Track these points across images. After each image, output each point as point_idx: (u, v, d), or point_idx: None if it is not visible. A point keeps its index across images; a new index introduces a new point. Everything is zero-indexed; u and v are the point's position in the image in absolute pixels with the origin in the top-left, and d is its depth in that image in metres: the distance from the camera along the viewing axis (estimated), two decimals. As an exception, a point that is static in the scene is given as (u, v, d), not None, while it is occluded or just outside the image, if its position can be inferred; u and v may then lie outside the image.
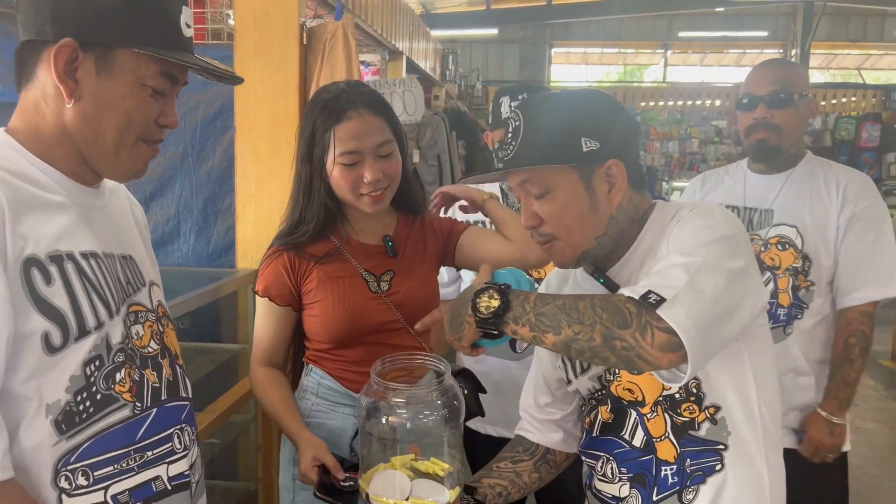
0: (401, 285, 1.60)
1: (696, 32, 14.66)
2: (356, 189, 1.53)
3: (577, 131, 1.15)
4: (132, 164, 1.06)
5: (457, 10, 13.21)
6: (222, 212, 2.69)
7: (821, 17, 12.45)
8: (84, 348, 0.98)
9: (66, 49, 0.96)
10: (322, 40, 2.51)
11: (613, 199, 1.18)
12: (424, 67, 5.74)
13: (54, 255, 0.97)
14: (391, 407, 1.22)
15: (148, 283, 1.15)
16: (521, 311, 1.08)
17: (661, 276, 1.05)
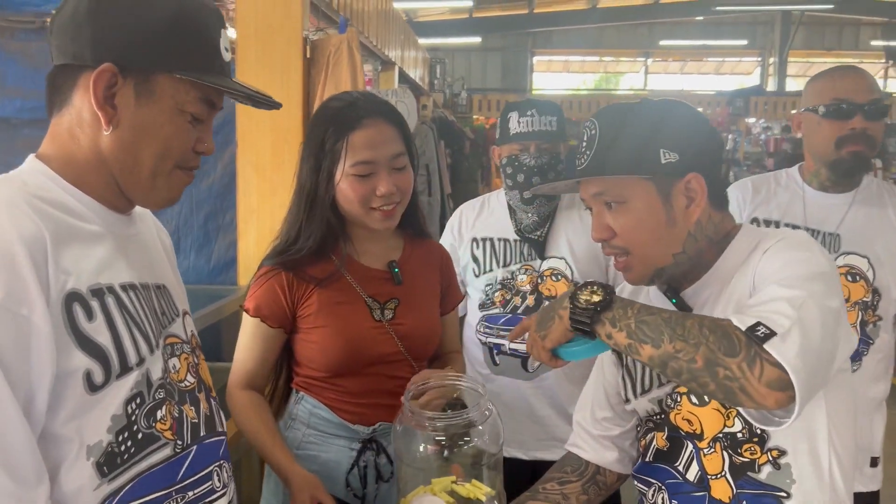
0: (406, 315, 1.51)
1: (677, 41, 14.82)
2: (367, 203, 1.42)
3: (656, 142, 1.10)
4: (168, 191, 1.02)
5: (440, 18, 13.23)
6: (223, 227, 2.64)
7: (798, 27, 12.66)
8: (126, 386, 0.94)
9: (106, 74, 0.92)
10: (326, 53, 2.47)
11: (692, 215, 1.12)
12: (414, 77, 5.72)
13: (95, 288, 0.93)
14: (428, 436, 1.18)
15: (181, 313, 1.11)
16: (621, 313, 1.03)
17: (766, 308, 0.96)
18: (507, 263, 2.10)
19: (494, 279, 2.10)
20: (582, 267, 2.07)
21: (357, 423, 1.49)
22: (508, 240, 2.11)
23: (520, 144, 2.07)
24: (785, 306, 0.95)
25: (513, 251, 2.10)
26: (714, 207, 1.14)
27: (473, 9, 12.99)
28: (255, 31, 2.45)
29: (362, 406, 1.49)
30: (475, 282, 2.14)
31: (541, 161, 2.03)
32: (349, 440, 1.50)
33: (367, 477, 1.49)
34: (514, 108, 2.12)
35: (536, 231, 2.08)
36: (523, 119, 2.07)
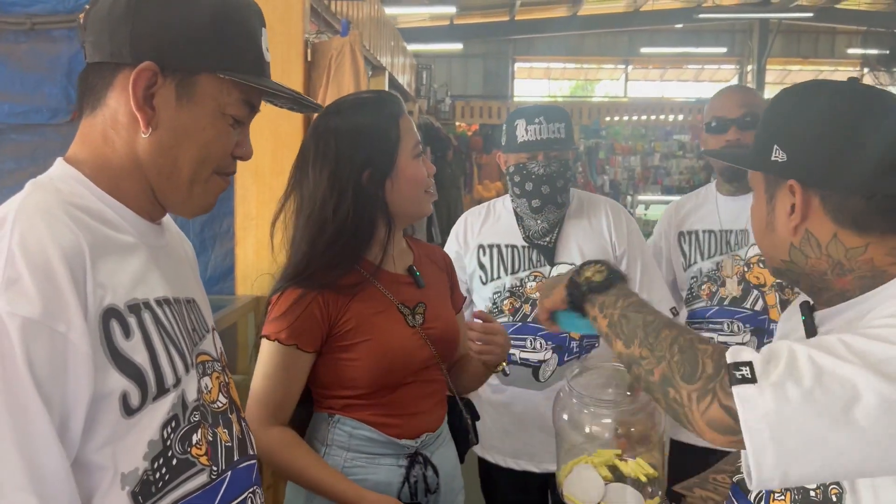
0: (435, 318, 1.48)
1: (657, 48, 14.95)
2: (425, 184, 1.43)
3: (775, 135, 0.99)
4: (204, 198, 0.97)
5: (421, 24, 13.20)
6: (220, 235, 2.56)
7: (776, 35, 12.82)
8: (163, 409, 0.87)
9: (147, 73, 0.87)
10: (327, 57, 2.42)
11: (791, 225, 0.98)
12: (402, 83, 5.68)
13: (132, 304, 0.87)
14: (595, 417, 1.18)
15: (211, 329, 1.05)
16: (612, 300, 1.01)
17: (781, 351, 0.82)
18: (515, 270, 2.06)
19: (503, 286, 2.06)
20: None
21: (403, 437, 1.43)
22: (516, 246, 2.07)
23: (528, 153, 2.02)
24: (804, 363, 0.79)
25: (521, 258, 2.06)
26: (847, 228, 0.94)
27: (455, 16, 12.99)
28: (255, 34, 2.39)
29: (405, 418, 1.43)
30: (482, 290, 2.10)
31: (549, 169, 1.99)
32: (396, 457, 1.43)
33: (418, 493, 1.44)
34: (522, 115, 2.07)
35: (545, 237, 2.05)
36: (531, 127, 2.02)
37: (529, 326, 2.02)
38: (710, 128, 2.02)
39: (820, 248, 0.97)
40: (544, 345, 2.01)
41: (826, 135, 0.95)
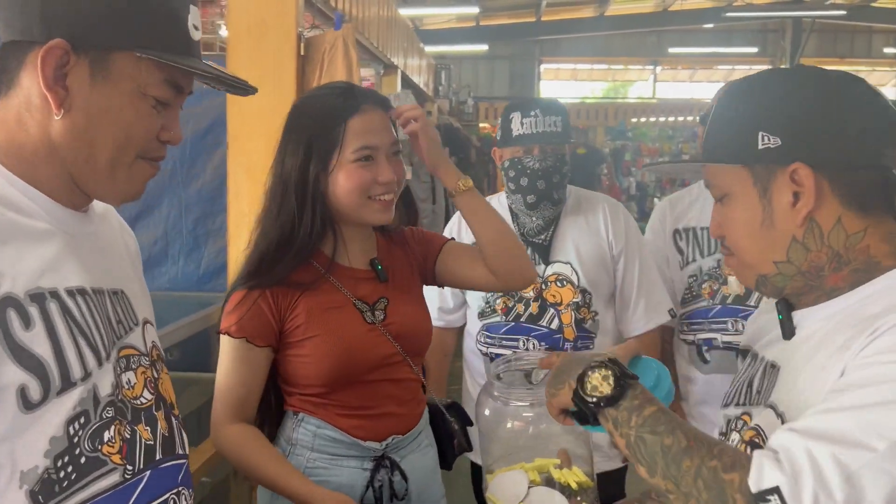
0: (397, 313, 1.43)
1: (686, 48, 14.74)
2: (366, 191, 1.35)
3: (757, 122, 0.91)
4: (129, 184, 0.92)
5: (446, 26, 13.19)
6: (213, 233, 2.54)
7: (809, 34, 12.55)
8: (67, 404, 0.83)
9: (57, 51, 0.83)
10: (321, 51, 2.38)
11: (797, 216, 0.91)
12: (418, 83, 5.65)
13: (35, 293, 0.82)
14: (516, 412, 1.15)
15: (141, 322, 1.00)
16: (626, 417, 0.90)
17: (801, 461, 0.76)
18: None
19: None
20: (588, 272, 1.97)
21: (368, 439, 1.39)
22: None
23: (523, 147, 1.97)
24: (830, 470, 0.74)
25: None
26: (851, 209, 0.90)
27: (480, 17, 12.95)
28: (248, 28, 2.36)
29: (370, 419, 1.39)
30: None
31: (545, 164, 1.93)
32: (361, 459, 1.39)
33: (382, 498, 1.39)
34: (517, 108, 2.01)
35: (540, 235, 1.99)
36: (527, 120, 1.97)
37: (522, 326, 1.98)
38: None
39: (822, 237, 0.91)
40: (537, 346, 1.97)
41: (823, 109, 0.90)
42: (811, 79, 0.93)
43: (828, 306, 0.93)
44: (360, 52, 3.93)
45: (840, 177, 0.90)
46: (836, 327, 0.89)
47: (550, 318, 2.00)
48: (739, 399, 1.04)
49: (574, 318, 1.97)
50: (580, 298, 1.96)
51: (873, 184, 0.91)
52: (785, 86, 0.93)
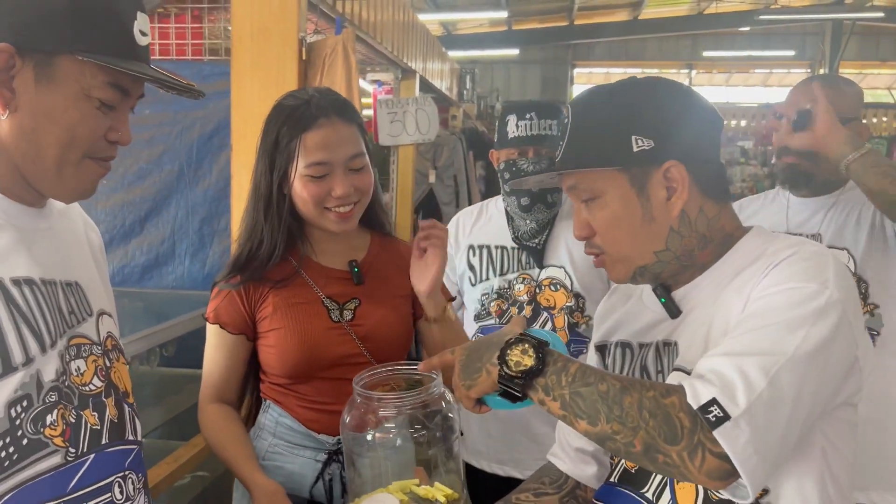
0: (367, 316, 1.46)
1: (721, 52, 14.49)
2: (321, 203, 1.39)
3: (628, 127, 0.99)
4: (77, 182, 0.96)
5: (478, 31, 13.22)
6: (218, 232, 2.61)
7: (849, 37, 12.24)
8: (8, 387, 0.87)
9: (2, 56, 0.87)
10: (322, 56, 2.43)
11: (673, 208, 1.01)
12: (440, 87, 5.67)
13: None
14: (377, 423, 1.12)
15: (96, 313, 1.05)
16: (555, 380, 0.93)
17: (729, 374, 0.86)
18: (504, 272, 2.03)
19: (491, 288, 2.03)
20: (582, 276, 1.98)
21: (322, 432, 1.44)
22: (506, 247, 2.03)
23: (518, 149, 1.98)
24: (754, 373, 0.86)
25: (510, 259, 2.03)
26: (708, 198, 1.03)
27: (512, 21, 12.94)
28: (251, 33, 2.41)
29: (327, 413, 1.43)
30: (471, 291, 2.08)
31: (540, 166, 1.94)
32: (315, 451, 1.44)
33: (332, 490, 1.42)
34: (513, 111, 2.03)
35: (535, 238, 2.00)
36: (522, 122, 1.98)
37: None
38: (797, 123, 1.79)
39: (691, 224, 1.03)
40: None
41: (681, 112, 1.01)
42: (662, 85, 1.04)
43: (702, 279, 1.05)
44: (376, 57, 3.97)
45: (699, 170, 1.02)
46: (717, 291, 1.01)
47: (544, 322, 2.00)
48: None
49: (567, 322, 1.98)
50: (573, 303, 1.97)
51: (718, 174, 1.06)
52: (645, 92, 1.03)
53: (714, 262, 1.04)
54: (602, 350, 1.20)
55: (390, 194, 4.44)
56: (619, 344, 1.16)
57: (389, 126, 3.57)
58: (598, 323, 1.25)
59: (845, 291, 0.93)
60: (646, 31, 13.53)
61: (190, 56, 2.60)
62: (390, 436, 1.11)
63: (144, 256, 2.58)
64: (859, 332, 0.95)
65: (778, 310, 0.91)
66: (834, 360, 0.91)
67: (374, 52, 3.71)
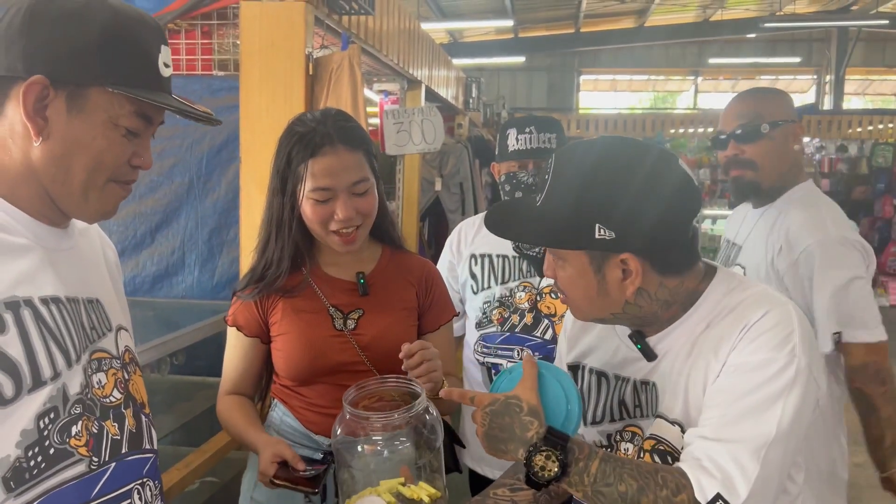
0: (369, 326, 1.52)
1: (727, 59, 14.51)
2: (326, 225, 1.47)
3: (593, 216, 1.05)
4: (101, 205, 1.02)
5: (484, 38, 13.27)
6: (227, 243, 2.65)
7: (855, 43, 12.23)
8: (38, 400, 0.92)
9: (36, 87, 0.93)
10: (328, 70, 2.48)
11: (627, 289, 1.09)
12: (445, 96, 5.71)
13: (10, 301, 0.92)
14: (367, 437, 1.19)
15: (115, 328, 1.10)
16: (577, 481, 1.03)
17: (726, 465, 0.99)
18: (505, 280, 2.06)
19: (492, 296, 2.07)
20: None
21: (319, 433, 1.53)
22: (507, 256, 2.07)
23: (518, 162, 2.03)
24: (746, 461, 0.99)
25: (511, 268, 2.07)
26: (668, 275, 1.10)
27: (519, 28, 13.00)
28: (259, 48, 2.46)
29: (326, 416, 1.51)
30: (473, 300, 2.12)
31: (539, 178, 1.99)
32: (312, 450, 1.52)
33: (326, 489, 1.48)
34: (513, 125, 2.09)
35: (535, 248, 2.05)
36: (522, 136, 2.04)
37: (517, 337, 2.03)
38: (714, 143, 1.94)
39: (651, 296, 1.10)
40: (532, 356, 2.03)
41: (649, 208, 1.05)
42: (640, 175, 1.06)
43: (673, 329, 1.13)
44: (382, 68, 4.03)
45: (658, 258, 1.08)
46: (690, 343, 1.11)
47: (545, 329, 2.04)
48: (614, 416, 1.17)
49: None
50: None
51: (683, 248, 1.10)
52: (620, 183, 1.05)
53: (681, 315, 1.13)
54: (575, 370, 1.27)
55: (396, 203, 4.48)
56: (595, 371, 1.24)
57: (396, 136, 3.62)
58: (572, 342, 1.31)
59: (809, 353, 1.05)
60: (652, 39, 13.54)
61: (200, 71, 2.65)
62: (378, 447, 1.18)
63: (155, 267, 2.63)
64: (820, 378, 1.08)
65: (754, 387, 1.02)
66: (805, 414, 1.04)
67: (379, 63, 3.76)
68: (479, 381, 2.09)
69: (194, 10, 2.52)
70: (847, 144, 10.56)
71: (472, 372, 2.13)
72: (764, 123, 1.80)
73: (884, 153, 10.02)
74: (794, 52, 14.26)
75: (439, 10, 10.88)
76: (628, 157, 1.07)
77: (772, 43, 14.02)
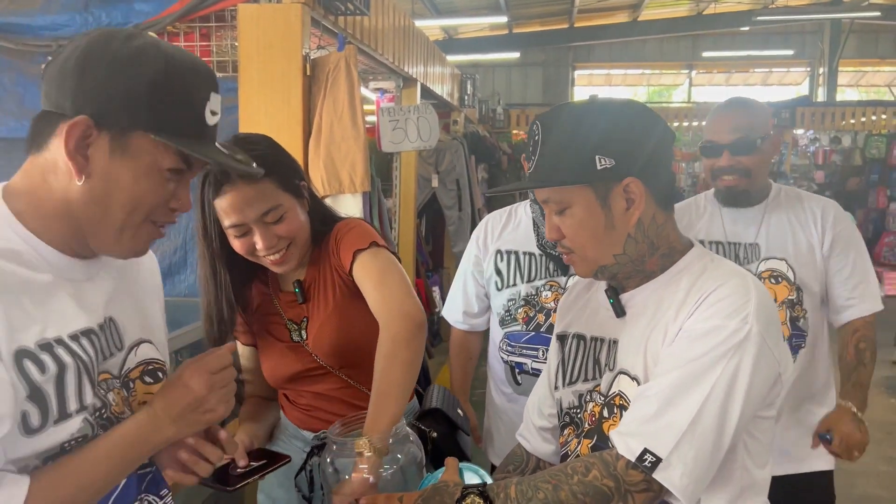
0: (313, 330, 1.56)
1: (721, 52, 14.55)
2: (252, 254, 1.49)
3: (591, 149, 1.12)
4: (134, 244, 1.03)
5: (479, 34, 13.31)
6: (228, 242, 2.68)
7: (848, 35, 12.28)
8: (67, 430, 0.96)
9: (80, 127, 0.94)
10: (325, 71, 2.52)
11: (631, 217, 1.15)
12: (441, 93, 5.75)
13: (44, 343, 0.95)
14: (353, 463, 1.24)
15: (128, 347, 1.11)
16: None
17: (654, 422, 1.05)
18: (531, 279, 2.04)
19: (518, 294, 2.04)
20: None
21: (304, 428, 1.63)
22: (534, 254, 2.04)
23: None
24: (677, 417, 1.05)
25: (538, 266, 2.04)
26: (659, 208, 1.18)
27: (513, 24, 13.03)
28: (257, 50, 2.50)
29: (303, 412, 1.63)
30: (497, 296, 2.08)
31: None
32: (303, 443, 1.62)
33: (314, 481, 1.56)
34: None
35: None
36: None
37: (542, 336, 2.00)
38: (704, 150, 1.97)
39: (644, 231, 1.17)
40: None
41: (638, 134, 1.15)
42: (623, 108, 1.17)
43: (646, 287, 1.20)
44: (378, 67, 4.06)
45: (654, 183, 1.16)
46: (657, 302, 1.17)
47: None
48: (587, 375, 1.25)
49: None
50: None
51: (669, 185, 1.20)
52: (608, 115, 1.15)
53: (659, 273, 1.19)
54: (562, 339, 1.34)
55: (393, 200, 4.52)
56: (576, 336, 1.31)
57: (392, 133, 3.66)
58: (561, 316, 1.39)
59: (764, 322, 1.08)
60: (646, 33, 13.61)
61: (199, 73, 2.68)
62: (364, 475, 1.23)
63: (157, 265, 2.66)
64: (780, 353, 1.11)
65: (700, 354, 1.07)
66: (757, 382, 1.07)
67: (375, 62, 3.80)
68: (502, 378, 2.08)
69: (193, 12, 2.55)
70: (841, 136, 10.62)
71: (496, 369, 2.11)
72: (757, 137, 1.92)
73: (877, 144, 10.08)
74: (788, 44, 14.31)
75: (434, 8, 10.90)
76: (610, 100, 1.20)
77: (765, 36, 14.07)
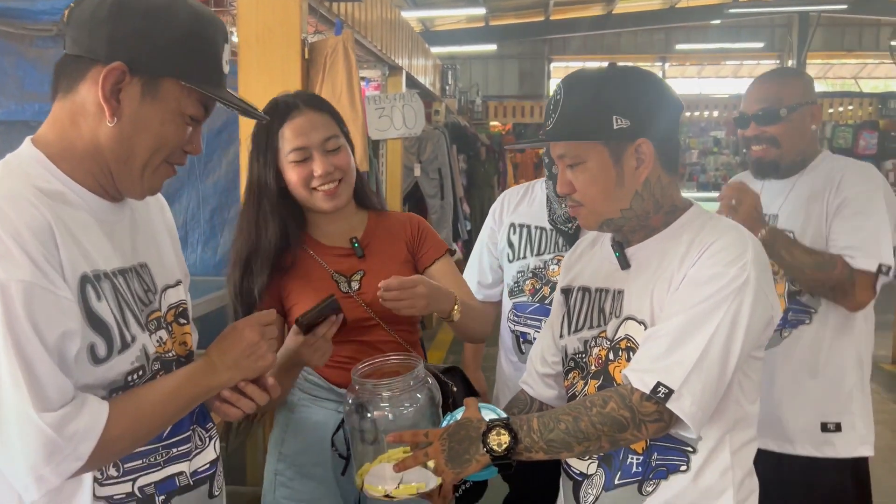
0: (371, 284, 1.61)
1: (693, 45, 14.80)
2: (308, 184, 1.57)
3: (610, 109, 1.21)
4: (152, 183, 1.11)
5: (456, 27, 13.36)
6: (228, 222, 2.76)
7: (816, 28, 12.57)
8: (127, 360, 1.05)
9: (116, 72, 1.00)
10: (323, 55, 2.59)
11: (640, 176, 1.24)
12: (424, 83, 5.84)
13: (97, 273, 1.03)
14: (374, 402, 1.32)
15: (160, 289, 1.18)
16: (530, 441, 1.18)
17: (666, 358, 1.16)
18: (540, 252, 2.09)
19: (526, 267, 2.10)
20: None
21: (343, 386, 1.61)
22: (545, 229, 2.10)
23: None
24: (690, 350, 1.17)
25: (548, 240, 2.09)
26: (665, 170, 1.27)
27: (490, 17, 13.11)
28: (256, 35, 2.57)
29: (344, 369, 1.61)
30: (508, 268, 2.14)
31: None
32: (337, 403, 1.63)
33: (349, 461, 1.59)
34: None
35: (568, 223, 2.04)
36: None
37: (546, 308, 2.00)
38: (737, 120, 2.01)
39: (650, 189, 1.26)
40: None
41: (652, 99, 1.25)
42: (639, 74, 1.26)
43: (650, 242, 1.29)
44: (364, 55, 4.14)
45: (662, 146, 1.25)
46: (661, 255, 1.26)
47: None
48: (592, 323, 1.34)
49: None
50: None
51: (675, 149, 1.29)
52: (625, 80, 1.24)
53: (662, 229, 1.29)
54: (567, 293, 1.43)
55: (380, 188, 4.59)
56: (581, 289, 1.40)
57: (377, 121, 3.73)
58: (565, 271, 1.48)
59: (760, 270, 1.20)
60: (620, 26, 13.78)
61: (198, 57, 2.74)
62: (385, 413, 1.31)
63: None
64: (773, 298, 1.24)
65: (704, 298, 1.18)
66: (754, 323, 1.18)
67: (362, 48, 3.88)
68: (509, 346, 2.14)
69: (192, -2, 2.61)
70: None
71: (505, 338, 2.17)
72: (783, 108, 1.92)
73: (844, 135, 10.37)
74: (758, 37, 14.59)
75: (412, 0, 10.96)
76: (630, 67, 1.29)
77: (736, 29, 14.32)
